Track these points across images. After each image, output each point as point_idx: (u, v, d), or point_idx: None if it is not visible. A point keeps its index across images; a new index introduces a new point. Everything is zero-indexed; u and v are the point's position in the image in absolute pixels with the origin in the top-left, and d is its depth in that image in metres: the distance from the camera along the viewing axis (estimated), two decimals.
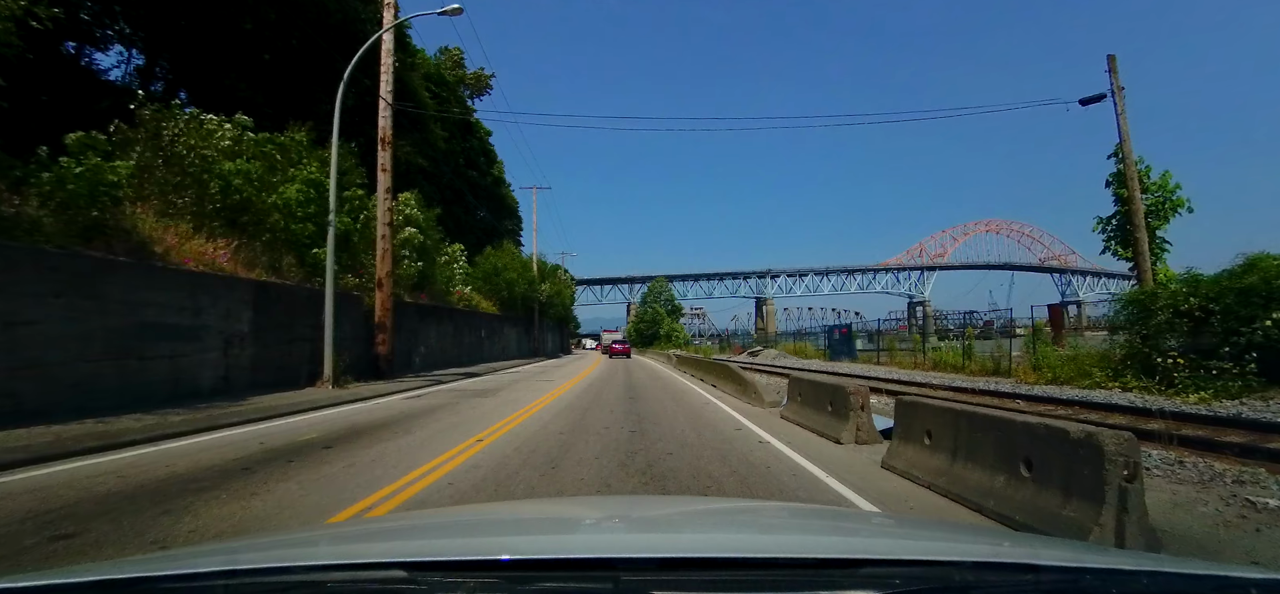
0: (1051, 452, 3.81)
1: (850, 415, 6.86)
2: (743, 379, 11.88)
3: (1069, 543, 2.27)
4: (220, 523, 4.02)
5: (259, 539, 2.60)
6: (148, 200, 11.09)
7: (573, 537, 1.62)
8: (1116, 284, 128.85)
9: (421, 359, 20.01)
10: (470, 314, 26.49)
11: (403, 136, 35.25)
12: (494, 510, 2.92)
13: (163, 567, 1.15)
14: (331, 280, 12.95)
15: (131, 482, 5.12)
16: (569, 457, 6.26)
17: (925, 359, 20.95)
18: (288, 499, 4.65)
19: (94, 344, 8.83)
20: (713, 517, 2.06)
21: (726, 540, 1.59)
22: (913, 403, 5.63)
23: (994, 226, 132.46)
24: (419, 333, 20.06)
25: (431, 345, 21.08)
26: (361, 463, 5.97)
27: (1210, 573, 1.16)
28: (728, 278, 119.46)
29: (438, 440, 7.22)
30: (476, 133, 49.71)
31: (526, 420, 8.98)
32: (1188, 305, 11.33)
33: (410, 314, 19.52)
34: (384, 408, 10.62)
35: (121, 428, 7.54)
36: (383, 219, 16.07)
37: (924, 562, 1.16)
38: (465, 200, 43.03)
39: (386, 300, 15.97)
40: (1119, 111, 16.34)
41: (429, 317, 21.15)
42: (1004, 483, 4.20)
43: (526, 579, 1.03)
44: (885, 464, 5.62)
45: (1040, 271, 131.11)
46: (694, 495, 4.55)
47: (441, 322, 22.42)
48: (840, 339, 28.65)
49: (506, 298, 32.81)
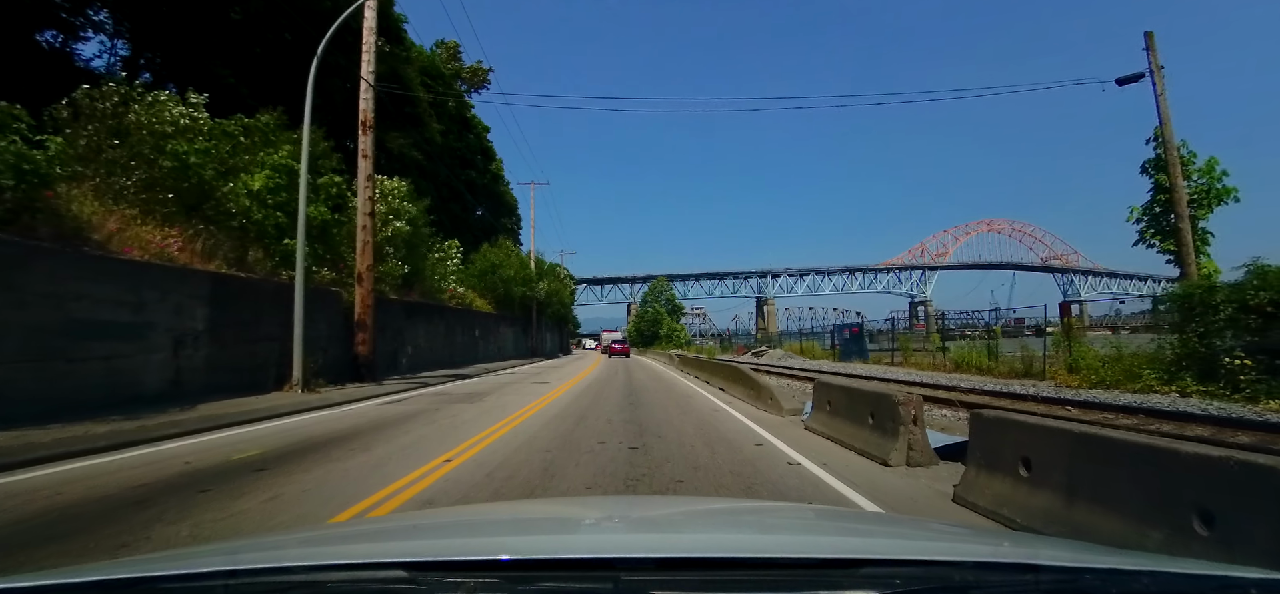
0: (1247, 501, 2.53)
1: (900, 431, 5.55)
2: (756, 383, 10.55)
3: (1069, 543, 2.09)
4: None
5: (259, 539, 2.55)
6: (84, 181, 9.75)
7: (573, 536, 1.59)
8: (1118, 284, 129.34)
9: (409, 360, 18.70)
10: (464, 313, 25.12)
11: (398, 131, 34.18)
12: (494, 510, 2.91)
13: (163, 566, 1.13)
14: (302, 272, 11.65)
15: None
16: (554, 485, 4.97)
17: (946, 359, 19.55)
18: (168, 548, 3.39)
19: (8, 343, 7.53)
20: (713, 516, 2.04)
21: (726, 540, 1.55)
22: (998, 420, 4.31)
23: (995, 226, 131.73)
24: (406, 332, 18.73)
25: (420, 345, 19.75)
26: (289, 495, 4.67)
27: (1211, 573, 1.18)
28: (728, 277, 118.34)
29: (397, 461, 5.92)
30: (474, 129, 48.42)
31: (508, 433, 7.68)
32: (1258, 300, 10.01)
33: (396, 312, 18.20)
34: (351, 416, 9.32)
35: (28, 442, 6.26)
36: (363, 209, 14.76)
37: (924, 562, 1.14)
38: (463, 198, 41.73)
39: (367, 296, 14.67)
40: (1158, 92, 15.02)
41: (418, 315, 19.82)
42: (1163, 540, 2.90)
43: (526, 579, 1.02)
44: (960, 498, 4.32)
45: (1042, 271, 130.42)
46: (694, 495, 4.45)
47: (432, 320, 21.08)
48: (850, 339, 27.13)
49: (503, 296, 31.38)
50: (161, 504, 4.35)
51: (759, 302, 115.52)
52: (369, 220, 14.80)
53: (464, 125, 45.98)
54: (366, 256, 14.70)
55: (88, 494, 4.61)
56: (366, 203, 14.80)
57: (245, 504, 4.40)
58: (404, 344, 18.49)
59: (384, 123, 33.23)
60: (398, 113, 34.24)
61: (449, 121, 41.46)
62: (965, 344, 20.81)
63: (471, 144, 46.90)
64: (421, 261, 20.54)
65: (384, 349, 16.89)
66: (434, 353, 20.99)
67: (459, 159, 43.86)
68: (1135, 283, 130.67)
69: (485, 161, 49.24)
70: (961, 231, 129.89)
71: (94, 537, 3.65)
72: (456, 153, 43.25)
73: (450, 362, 22.25)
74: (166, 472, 5.41)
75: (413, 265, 19.65)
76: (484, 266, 30.41)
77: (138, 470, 5.45)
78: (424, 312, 20.40)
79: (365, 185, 14.80)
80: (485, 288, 30.00)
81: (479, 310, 27.61)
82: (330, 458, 6.08)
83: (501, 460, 5.92)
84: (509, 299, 32.51)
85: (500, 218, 51.56)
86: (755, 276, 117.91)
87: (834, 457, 5.98)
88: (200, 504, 4.35)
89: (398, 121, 33.92)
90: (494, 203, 51.24)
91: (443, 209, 38.86)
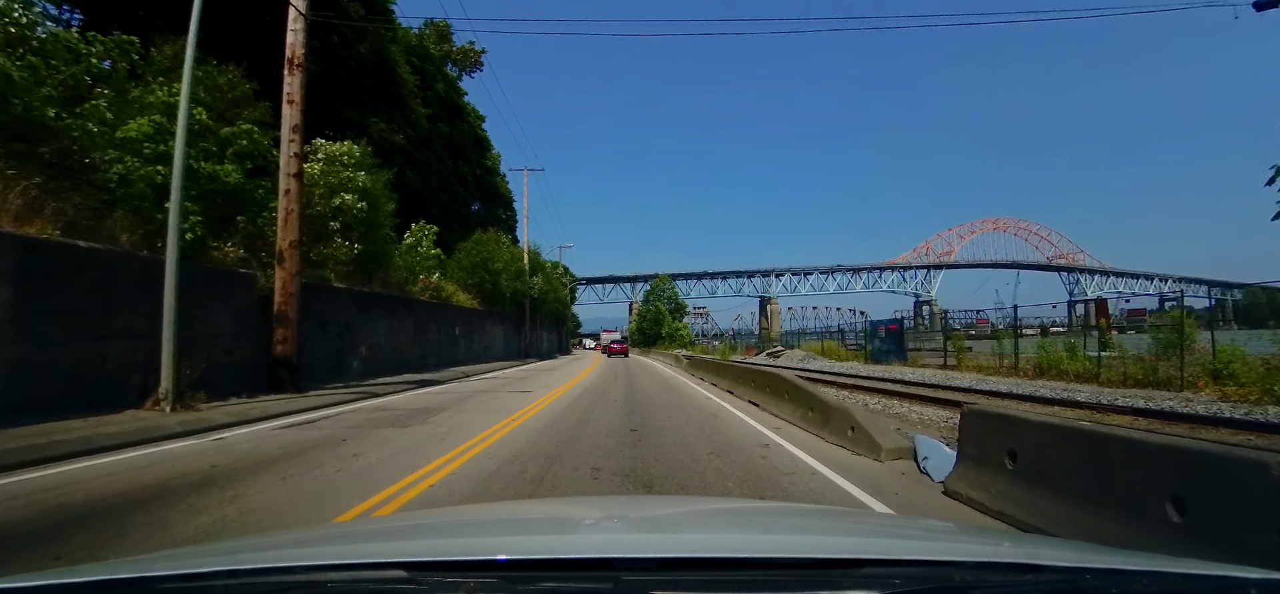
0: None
1: None
2: (820, 401, 6.91)
3: (1069, 543, 1.82)
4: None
5: (260, 538, 2.41)
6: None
7: (572, 537, 1.54)
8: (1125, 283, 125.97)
9: (363, 362, 15.13)
10: (440, 308, 21.41)
11: (378, 114, 30.75)
12: (494, 510, 2.81)
13: (163, 566, 1.10)
14: (176, 236, 8.10)
15: None
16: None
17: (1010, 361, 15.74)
18: None
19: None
20: (713, 516, 1.97)
21: (727, 540, 1.51)
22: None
23: (1001, 225, 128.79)
24: (359, 329, 15.15)
25: (379, 345, 16.17)
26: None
27: (1211, 573, 1.14)
28: (731, 276, 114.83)
29: None
30: (467, 118, 44.85)
31: (423, 493, 4.20)
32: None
33: (344, 304, 14.61)
34: (197, 456, 5.79)
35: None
36: (287, 168, 11.24)
37: (924, 562, 1.12)
38: (453, 189, 38.24)
39: (290, 281, 11.12)
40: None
41: (376, 308, 16.23)
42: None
43: (526, 579, 1.00)
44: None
45: (1049, 270, 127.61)
46: (695, 495, 4.20)
47: (396, 316, 17.45)
48: (886, 338, 23.09)
49: (490, 291, 27.60)
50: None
51: (762, 301, 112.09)
52: (294, 183, 11.26)
53: (455, 113, 42.45)
54: (290, 230, 11.16)
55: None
56: (291, 161, 11.27)
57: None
58: (355, 343, 14.92)
59: (360, 100, 29.99)
60: (379, 92, 30.75)
61: (438, 107, 37.93)
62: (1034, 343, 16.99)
63: (465, 133, 43.38)
64: (384, 246, 16.95)
65: (323, 349, 13.35)
66: (400, 354, 17.41)
67: (451, 148, 40.41)
68: (1142, 281, 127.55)
69: (479, 153, 45.69)
70: (967, 229, 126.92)
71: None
72: (447, 141, 39.81)
73: (420, 364, 18.68)
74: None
75: (372, 249, 16.09)
76: (471, 259, 26.73)
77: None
78: (385, 305, 16.80)
79: (290, 138, 11.27)
80: (472, 282, 26.29)
81: (461, 306, 23.89)
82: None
83: None
84: (498, 294, 28.78)
85: (497, 212, 48.04)
86: (758, 275, 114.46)
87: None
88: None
89: (378, 102, 30.44)
90: (489, 197, 47.77)
91: (431, 200, 35.25)
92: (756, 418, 8.22)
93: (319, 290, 13.37)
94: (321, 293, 13.47)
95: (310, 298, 12.56)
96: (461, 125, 43.18)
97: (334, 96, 26.84)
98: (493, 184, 48.59)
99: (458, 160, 41.36)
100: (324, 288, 13.61)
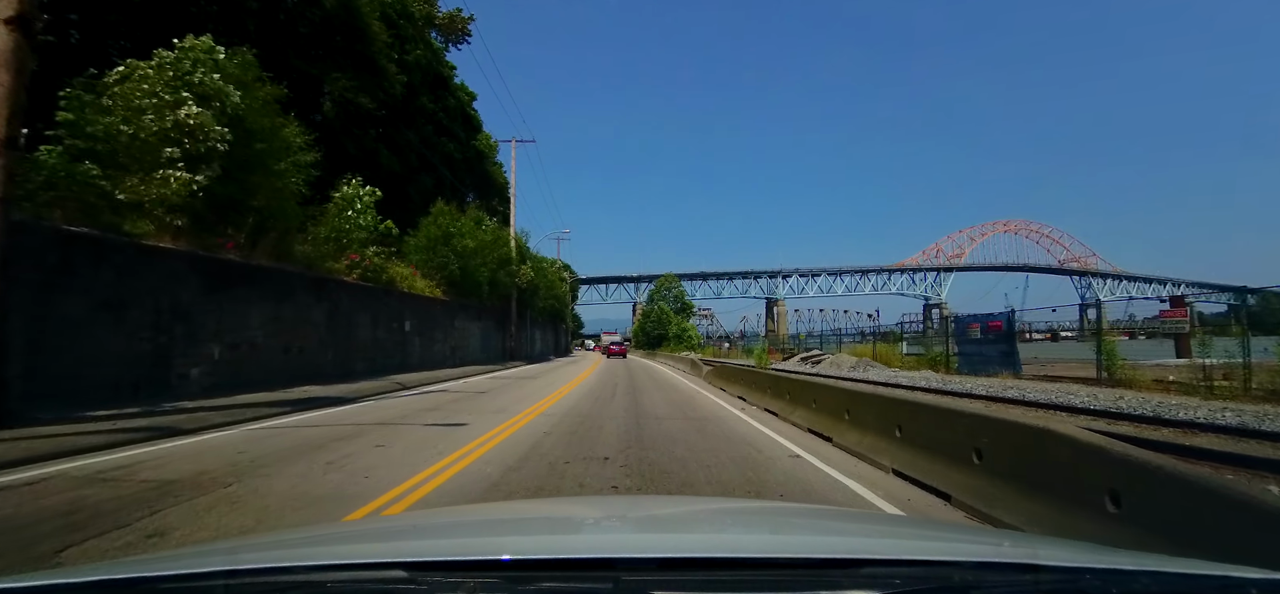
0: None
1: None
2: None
3: (1069, 543, 1.87)
4: None
5: (260, 538, 2.36)
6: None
7: (573, 536, 1.51)
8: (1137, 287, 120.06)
9: (211, 371, 9.37)
10: (377, 294, 15.42)
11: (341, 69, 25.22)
12: (495, 510, 2.73)
13: (163, 566, 1.07)
14: None
15: None
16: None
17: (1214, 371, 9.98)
18: None
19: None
20: (714, 516, 1.92)
21: (727, 540, 1.47)
22: None
23: (1012, 227, 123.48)
24: (208, 318, 9.36)
25: (252, 343, 10.33)
26: None
27: (1211, 573, 1.09)
28: (737, 277, 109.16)
29: None
30: (455, 93, 39.20)
31: None
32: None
33: (174, 276, 8.76)
34: None
35: None
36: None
37: (924, 562, 1.08)
38: (436, 170, 32.63)
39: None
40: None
41: (253, 287, 10.43)
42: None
43: (527, 579, 0.97)
44: None
45: (1060, 273, 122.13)
46: (696, 495, 3.99)
47: (291, 302, 11.58)
48: (986, 339, 16.33)
49: (460, 278, 21.65)
50: None
51: (769, 302, 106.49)
52: (8, 35, 5.64)
53: (440, 85, 36.79)
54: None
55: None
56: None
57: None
58: (198, 341, 9.13)
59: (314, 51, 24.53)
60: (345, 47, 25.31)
61: (420, 74, 32.31)
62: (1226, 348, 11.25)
63: (451, 108, 37.72)
64: (275, 200, 11.22)
65: (114, 349, 7.67)
66: (299, 357, 11.66)
67: (435, 124, 34.87)
68: (1155, 286, 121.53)
69: (468, 133, 40.07)
70: (978, 232, 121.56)
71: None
72: (430, 116, 34.27)
73: (341, 370, 12.99)
74: None
75: (255, 200, 10.48)
76: (431, 235, 20.93)
77: None
78: (272, 283, 11.00)
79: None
80: (434, 263, 20.44)
81: (415, 294, 17.98)
82: None
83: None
84: (471, 283, 22.93)
85: (490, 200, 42.43)
86: (765, 277, 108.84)
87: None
88: None
89: (338, 57, 24.92)
90: (479, 182, 42.13)
91: (410, 182, 29.50)
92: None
93: (106, 247, 7.69)
94: (115, 253, 7.79)
95: (76, 256, 6.97)
96: (448, 100, 37.56)
97: (295, 51, 21.47)
98: (485, 171, 42.94)
99: (443, 136, 35.84)
100: (119, 244, 7.90)
